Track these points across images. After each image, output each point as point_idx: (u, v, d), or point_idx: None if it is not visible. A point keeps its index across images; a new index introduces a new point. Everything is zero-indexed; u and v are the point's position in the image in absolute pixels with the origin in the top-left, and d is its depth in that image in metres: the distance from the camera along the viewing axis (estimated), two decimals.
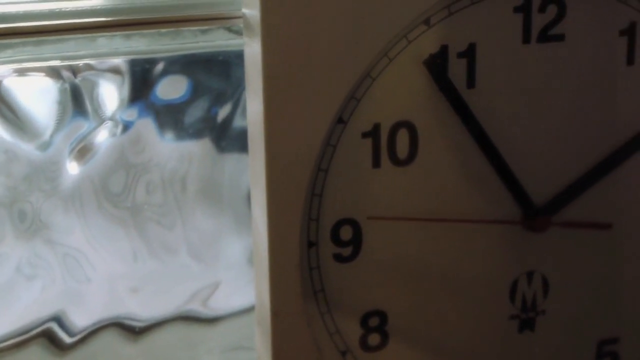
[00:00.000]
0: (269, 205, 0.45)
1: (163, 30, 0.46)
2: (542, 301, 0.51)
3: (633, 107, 0.50)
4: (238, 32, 0.48)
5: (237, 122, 0.52)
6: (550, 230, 0.50)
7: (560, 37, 0.48)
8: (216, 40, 0.48)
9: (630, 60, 0.49)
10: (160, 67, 0.49)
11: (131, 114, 0.51)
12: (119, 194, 0.52)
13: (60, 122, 0.50)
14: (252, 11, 0.43)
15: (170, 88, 0.50)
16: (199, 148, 0.53)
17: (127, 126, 0.51)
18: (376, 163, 0.47)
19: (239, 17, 0.46)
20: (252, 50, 0.44)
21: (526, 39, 0.47)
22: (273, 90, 0.43)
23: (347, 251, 0.48)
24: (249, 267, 0.56)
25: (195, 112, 0.51)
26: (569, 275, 0.51)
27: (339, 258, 0.48)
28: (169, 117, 0.51)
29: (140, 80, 0.49)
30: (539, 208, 0.49)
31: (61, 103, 0.49)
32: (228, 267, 0.56)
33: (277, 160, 0.44)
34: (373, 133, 0.46)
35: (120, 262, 0.53)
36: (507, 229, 0.49)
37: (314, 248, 0.47)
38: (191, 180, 0.53)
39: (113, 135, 0.51)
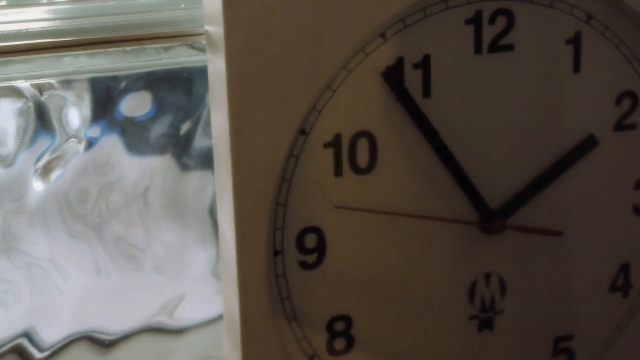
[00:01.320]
0: (237, 216, 0.46)
1: (127, 48, 0.47)
2: (500, 301, 0.53)
3: (580, 113, 0.52)
4: (200, 49, 0.49)
5: (200, 137, 0.54)
6: (506, 233, 0.52)
7: (510, 48, 0.50)
8: (179, 57, 0.49)
9: (576, 68, 0.51)
10: (124, 84, 0.50)
11: (96, 131, 0.52)
12: (84, 209, 0.53)
13: (25, 140, 0.50)
14: (215, 28, 0.45)
15: (135, 105, 0.51)
16: (163, 163, 0.54)
17: (92, 143, 0.52)
18: (338, 172, 0.48)
19: (202, 35, 0.47)
20: (216, 66, 0.45)
21: (478, 50, 0.49)
22: (238, 104, 0.45)
23: (312, 259, 0.49)
24: (213, 279, 0.57)
25: (159, 128, 0.52)
26: (525, 275, 0.53)
27: (304, 266, 0.49)
28: (134, 133, 0.52)
29: (105, 98, 0.50)
30: (494, 212, 0.51)
31: (27, 121, 0.50)
32: (193, 280, 0.57)
33: (243, 172, 0.45)
34: (334, 143, 0.48)
35: (88, 277, 0.53)
36: (465, 233, 0.51)
37: (280, 257, 0.48)
38: (155, 195, 0.54)
39: (78, 152, 0.51)
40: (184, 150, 0.54)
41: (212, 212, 0.56)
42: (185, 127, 0.53)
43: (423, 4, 0.47)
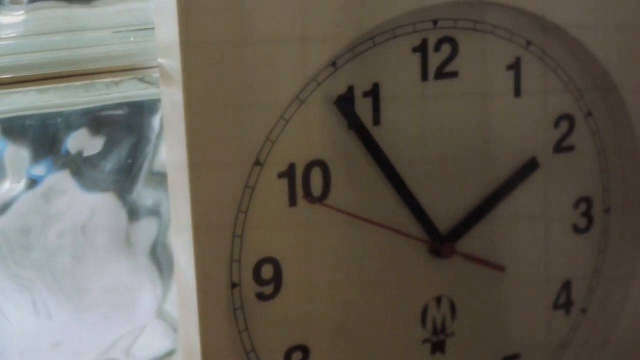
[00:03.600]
0: (196, 248, 0.45)
1: (77, 83, 0.46)
2: (450, 324, 0.54)
3: (522, 136, 0.53)
4: (150, 82, 0.49)
5: (147, 173, 0.53)
6: (455, 258, 0.53)
7: (454, 74, 0.51)
8: (129, 91, 0.49)
9: (517, 92, 0.53)
10: (70, 120, 0.49)
11: (41, 168, 0.50)
12: (29, 248, 0.51)
13: None
14: (170, 61, 0.44)
15: (80, 141, 0.50)
16: (108, 201, 0.53)
17: (37, 181, 0.51)
18: (292, 202, 0.48)
19: (154, 67, 0.47)
20: (172, 99, 0.45)
21: (424, 77, 0.50)
22: (195, 136, 0.44)
23: (268, 289, 0.49)
24: (158, 318, 0.56)
25: (104, 165, 0.52)
26: (473, 297, 0.54)
27: (261, 297, 0.49)
28: (79, 171, 0.51)
29: (51, 135, 0.49)
30: (444, 235, 0.52)
31: None
32: (139, 318, 0.56)
33: (202, 204, 0.45)
34: (288, 173, 0.48)
35: (36, 317, 0.52)
36: (417, 259, 0.52)
37: (237, 288, 0.48)
38: (99, 232, 0.53)
39: (23, 190, 0.50)
40: (130, 186, 0.53)
41: (156, 250, 0.55)
42: (131, 163, 0.52)
43: (372, 33, 0.48)
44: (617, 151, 0.56)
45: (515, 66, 0.52)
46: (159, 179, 0.53)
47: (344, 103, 0.48)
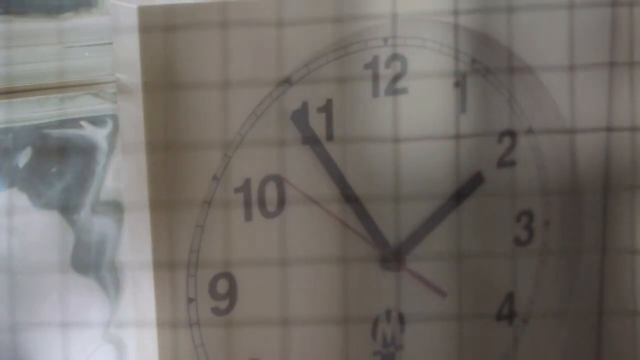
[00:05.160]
0: (155, 264, 0.45)
1: (32, 98, 0.46)
2: (399, 336, 0.55)
3: (467, 151, 0.55)
4: (104, 98, 0.49)
5: (97, 191, 0.52)
6: (404, 274, 0.54)
7: (404, 90, 0.52)
8: (84, 106, 0.48)
9: (462, 109, 0.54)
10: (22, 135, 0.49)
11: None
12: None
13: None
14: (128, 76, 0.44)
15: (31, 158, 0.50)
16: (56, 218, 0.52)
17: None
18: (248, 217, 0.49)
19: (110, 83, 0.47)
20: (131, 115, 0.45)
21: (375, 93, 0.51)
22: (155, 152, 0.44)
23: (224, 304, 0.49)
24: (104, 340, 0.55)
25: (55, 182, 0.51)
26: (421, 310, 0.55)
27: (216, 311, 0.49)
28: (28, 187, 0.50)
29: (2, 150, 0.49)
30: (394, 249, 0.53)
31: None
32: (86, 340, 0.55)
33: (161, 220, 0.45)
34: (244, 188, 0.48)
35: None
36: (367, 272, 0.53)
37: (193, 303, 0.48)
38: (46, 250, 0.53)
39: None
40: (78, 205, 0.52)
41: (102, 272, 0.54)
42: (81, 181, 0.52)
43: (325, 50, 0.49)
44: (555, 166, 0.58)
45: (461, 83, 0.54)
46: (108, 201, 0.53)
47: (299, 119, 0.49)
